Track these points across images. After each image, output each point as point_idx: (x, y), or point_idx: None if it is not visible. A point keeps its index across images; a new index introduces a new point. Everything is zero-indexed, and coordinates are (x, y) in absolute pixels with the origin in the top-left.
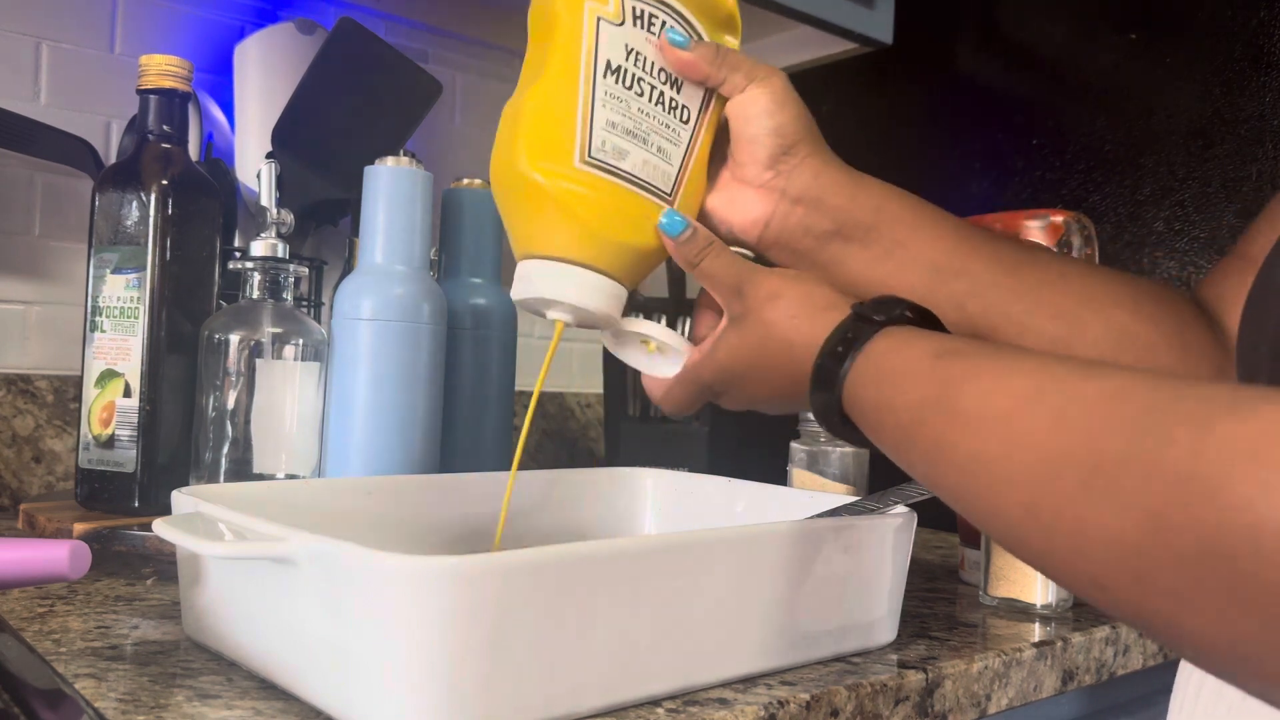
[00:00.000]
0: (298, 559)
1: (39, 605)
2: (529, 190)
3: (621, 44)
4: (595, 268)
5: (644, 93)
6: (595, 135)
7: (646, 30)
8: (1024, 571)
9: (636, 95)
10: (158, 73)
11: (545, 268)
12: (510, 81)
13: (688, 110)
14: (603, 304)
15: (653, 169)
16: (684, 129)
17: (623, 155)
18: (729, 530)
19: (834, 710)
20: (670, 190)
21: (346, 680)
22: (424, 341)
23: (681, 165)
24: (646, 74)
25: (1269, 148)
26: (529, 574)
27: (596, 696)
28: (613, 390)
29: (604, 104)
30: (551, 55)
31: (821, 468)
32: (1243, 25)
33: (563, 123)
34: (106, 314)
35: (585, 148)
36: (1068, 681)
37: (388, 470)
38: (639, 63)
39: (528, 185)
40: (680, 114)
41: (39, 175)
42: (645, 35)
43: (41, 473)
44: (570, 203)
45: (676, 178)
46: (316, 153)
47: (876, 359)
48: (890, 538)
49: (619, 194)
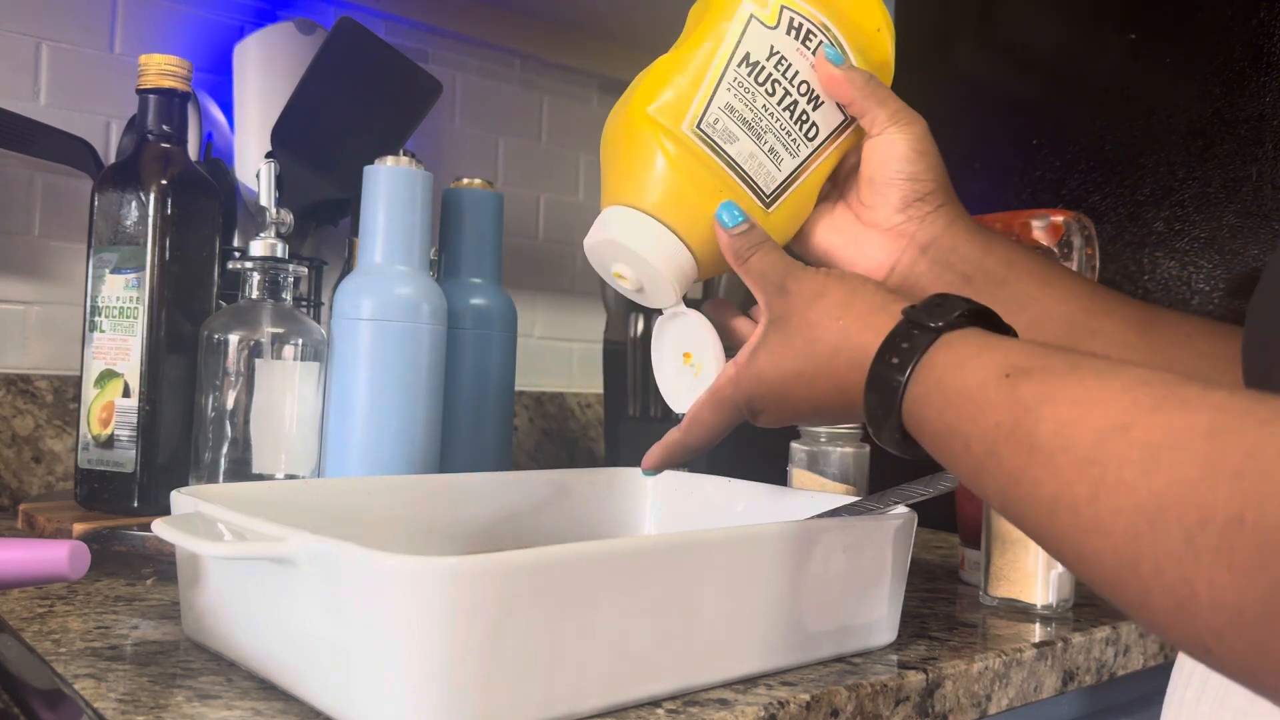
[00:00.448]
0: (297, 559)
1: (39, 605)
2: (633, 134)
3: (767, 44)
4: (675, 231)
5: (774, 93)
6: (710, 111)
7: (800, 42)
8: (1024, 572)
9: (766, 94)
10: (157, 72)
11: (628, 215)
12: (510, 81)
13: (816, 129)
14: (670, 270)
15: (758, 165)
16: (805, 144)
17: (731, 139)
18: (729, 530)
19: (834, 711)
20: (770, 194)
21: (346, 680)
22: (424, 341)
23: (790, 177)
24: (784, 79)
25: (1269, 148)
26: (529, 574)
27: (596, 697)
28: (613, 390)
29: (729, 88)
30: (694, 35)
31: (821, 468)
32: (1243, 25)
33: (685, 89)
34: (106, 314)
35: (697, 117)
36: (1068, 682)
37: (388, 470)
38: (780, 66)
39: (634, 128)
40: (807, 130)
41: (39, 175)
42: (797, 46)
43: (41, 473)
44: (668, 159)
45: (781, 186)
46: (316, 153)
47: (939, 375)
48: (890, 538)
49: (717, 172)
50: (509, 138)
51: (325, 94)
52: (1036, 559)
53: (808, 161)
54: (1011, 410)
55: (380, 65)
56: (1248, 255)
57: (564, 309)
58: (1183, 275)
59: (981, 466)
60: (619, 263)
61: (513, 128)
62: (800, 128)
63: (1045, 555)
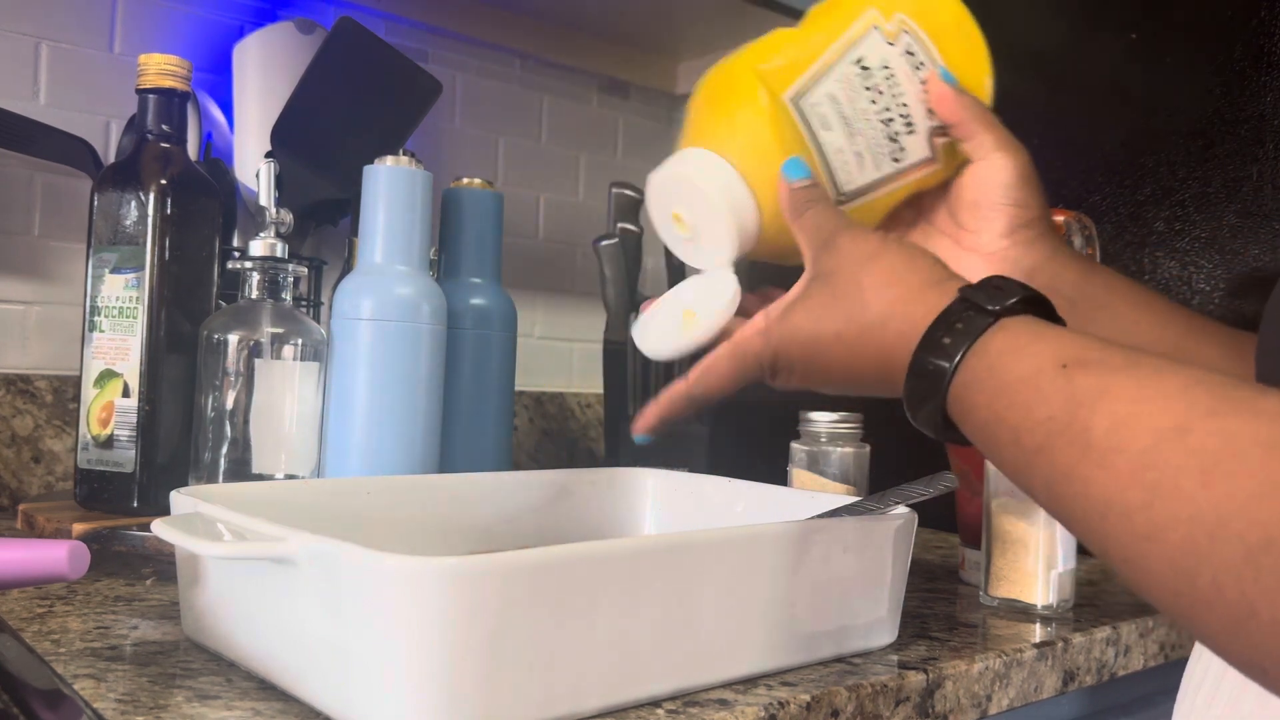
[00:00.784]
0: (297, 559)
1: (38, 605)
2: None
3: (882, 55)
4: (749, 186)
5: (876, 102)
6: (815, 92)
7: (912, 66)
8: (1024, 572)
9: (869, 100)
10: (157, 72)
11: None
12: (510, 81)
13: (903, 153)
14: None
15: (842, 162)
16: (889, 164)
17: (826, 126)
18: (729, 530)
19: (834, 711)
20: (845, 194)
21: (346, 680)
22: (424, 341)
23: (867, 187)
24: (889, 94)
25: (1269, 148)
26: (529, 574)
27: (596, 697)
28: (613, 390)
29: (838, 79)
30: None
31: (821, 468)
32: (1243, 25)
33: (797, 62)
34: (105, 314)
35: (801, 92)
36: (1068, 682)
37: (387, 470)
38: (889, 81)
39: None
40: (894, 151)
41: (38, 175)
42: (908, 68)
43: (41, 473)
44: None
45: (857, 191)
46: (316, 152)
47: (991, 361)
48: (890, 538)
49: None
50: (509, 138)
51: (325, 94)
52: (1037, 559)
53: (886, 181)
54: (1066, 404)
55: (380, 65)
56: (1248, 255)
57: (564, 309)
58: (1183, 275)
59: (1031, 461)
60: (681, 204)
61: (513, 128)
62: (889, 146)
63: (1045, 556)
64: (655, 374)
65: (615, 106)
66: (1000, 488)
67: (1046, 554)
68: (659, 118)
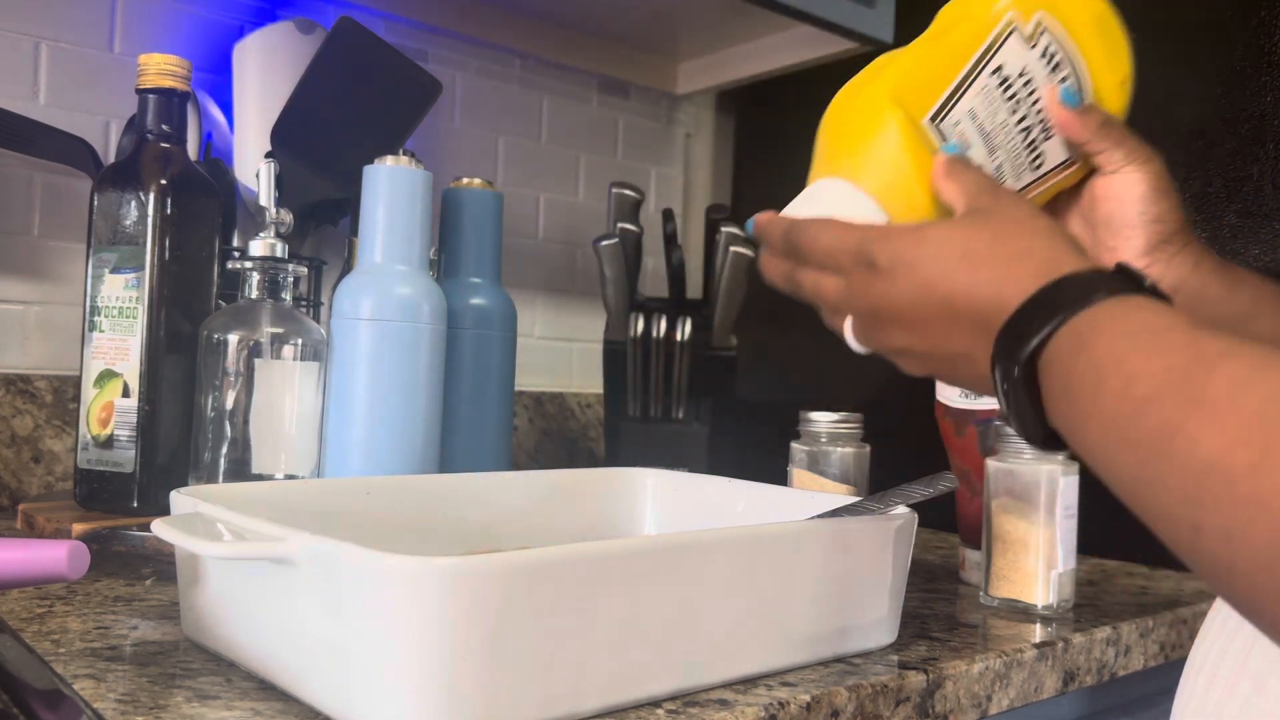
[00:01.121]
0: (297, 559)
1: (38, 605)
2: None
3: (1021, 61)
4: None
5: (1015, 112)
6: (954, 112)
7: (1049, 69)
8: (1024, 572)
9: (1009, 111)
10: (157, 72)
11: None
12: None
13: (1042, 160)
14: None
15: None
16: (1030, 172)
17: (965, 146)
18: (729, 530)
19: (834, 711)
20: None
21: (346, 680)
22: (424, 341)
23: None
24: (1027, 101)
25: (1269, 148)
26: (529, 574)
27: (596, 697)
28: (613, 390)
29: (977, 94)
30: (952, 31)
31: (821, 468)
32: (1243, 25)
33: (934, 82)
34: (105, 314)
35: (940, 115)
36: (1069, 682)
37: (387, 470)
38: (1027, 88)
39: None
40: (1034, 158)
41: (38, 175)
42: (1046, 73)
43: (40, 473)
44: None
45: None
46: (316, 152)
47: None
48: (891, 538)
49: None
50: (509, 137)
51: (325, 94)
52: (1037, 559)
53: (1026, 190)
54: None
55: (380, 65)
56: (1248, 255)
57: (564, 309)
58: None
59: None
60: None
61: (513, 127)
62: (1029, 154)
63: (1045, 556)
64: (655, 374)
65: (615, 106)
66: (1000, 488)
67: (1046, 554)
68: (659, 118)
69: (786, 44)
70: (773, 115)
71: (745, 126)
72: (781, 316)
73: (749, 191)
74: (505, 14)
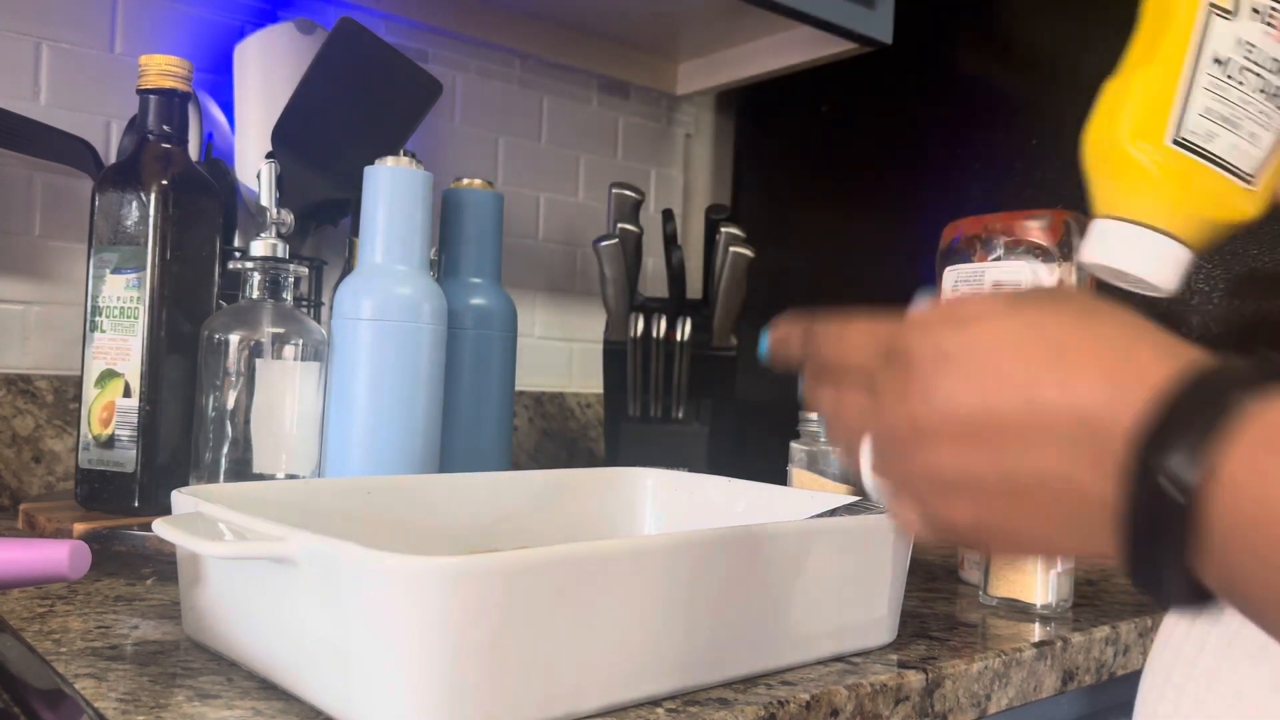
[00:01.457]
0: (298, 559)
1: (39, 605)
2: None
3: (1232, 37)
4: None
5: (1246, 82)
6: (1188, 119)
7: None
8: (1024, 571)
9: (1237, 85)
10: (158, 72)
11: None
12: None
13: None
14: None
15: (1239, 153)
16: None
17: (1211, 138)
18: (729, 530)
19: (834, 710)
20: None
21: (346, 680)
22: (424, 341)
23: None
24: (1256, 65)
25: None
26: (529, 574)
27: (596, 696)
28: (613, 390)
29: (1203, 91)
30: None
31: (821, 468)
32: None
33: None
34: (106, 314)
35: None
36: (1068, 681)
37: (388, 470)
38: (1249, 55)
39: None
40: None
41: (39, 175)
42: (1262, 28)
43: (41, 473)
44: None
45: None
46: (316, 153)
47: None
48: (890, 538)
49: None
50: (509, 138)
51: (325, 94)
52: (1036, 559)
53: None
54: None
55: (380, 65)
56: (1248, 255)
57: (564, 309)
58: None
59: None
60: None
61: (513, 128)
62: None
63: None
64: (655, 374)
65: (615, 106)
66: None
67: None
68: (659, 118)
69: (786, 44)
70: (773, 115)
71: (745, 127)
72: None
73: (749, 191)
74: (505, 14)
